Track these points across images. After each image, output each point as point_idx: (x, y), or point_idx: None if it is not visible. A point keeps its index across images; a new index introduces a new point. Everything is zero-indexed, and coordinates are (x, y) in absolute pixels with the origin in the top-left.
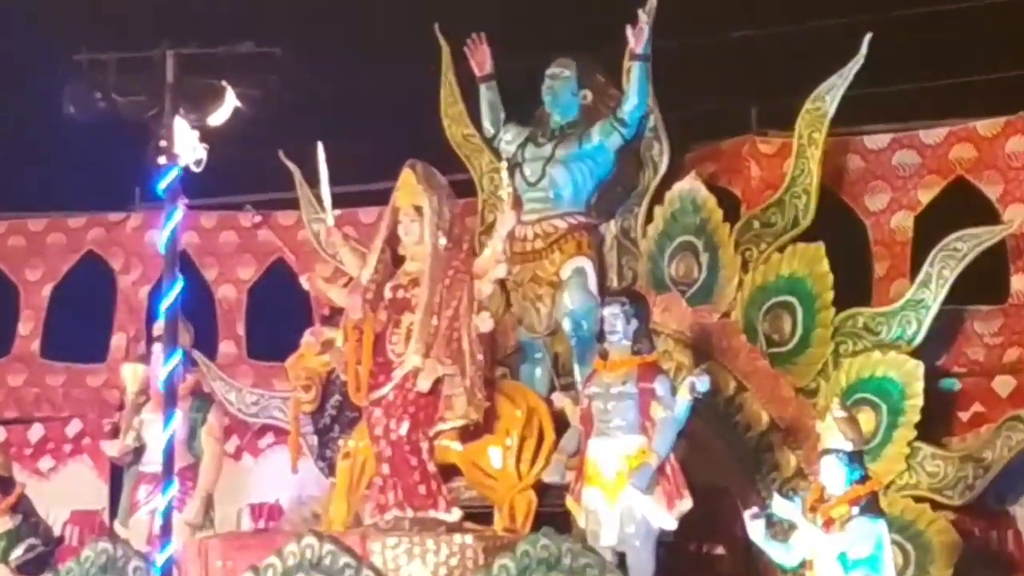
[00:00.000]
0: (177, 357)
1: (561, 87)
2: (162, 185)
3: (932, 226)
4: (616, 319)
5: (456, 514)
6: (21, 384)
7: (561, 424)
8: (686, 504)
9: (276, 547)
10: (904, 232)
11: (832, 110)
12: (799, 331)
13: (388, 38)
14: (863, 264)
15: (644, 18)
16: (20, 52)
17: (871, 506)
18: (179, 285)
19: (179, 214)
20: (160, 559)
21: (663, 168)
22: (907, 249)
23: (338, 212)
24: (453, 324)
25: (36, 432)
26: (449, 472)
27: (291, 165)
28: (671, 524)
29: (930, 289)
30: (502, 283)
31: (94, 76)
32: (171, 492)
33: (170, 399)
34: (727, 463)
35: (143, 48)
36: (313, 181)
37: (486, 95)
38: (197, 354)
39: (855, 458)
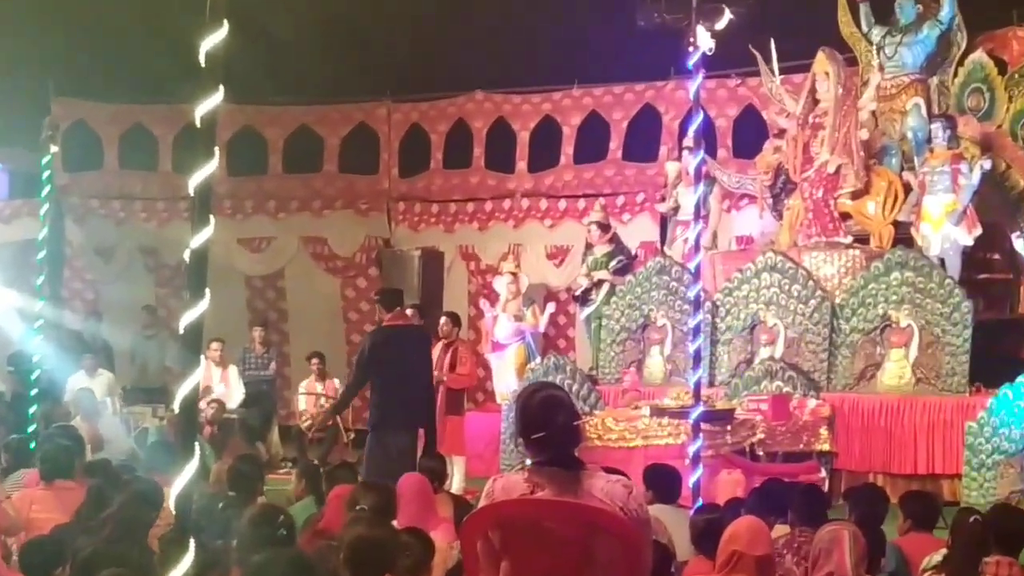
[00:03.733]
0: (700, 156)
1: (908, 5)
2: (690, 63)
3: None
4: (939, 130)
5: (849, 239)
6: (612, 175)
7: (908, 189)
8: (978, 231)
9: (752, 258)
10: None
11: None
12: None
13: None
14: None
15: None
16: None
17: None
18: (699, 119)
19: (699, 79)
20: (692, 265)
21: (963, 46)
22: None
23: (781, 76)
24: (846, 135)
25: (619, 200)
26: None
27: (755, 52)
28: (969, 241)
29: None
30: (873, 112)
31: (653, 5)
32: (697, 229)
33: (697, 178)
34: (1001, 207)
35: None
36: (768, 61)
37: (863, 9)
38: (707, 158)
39: None
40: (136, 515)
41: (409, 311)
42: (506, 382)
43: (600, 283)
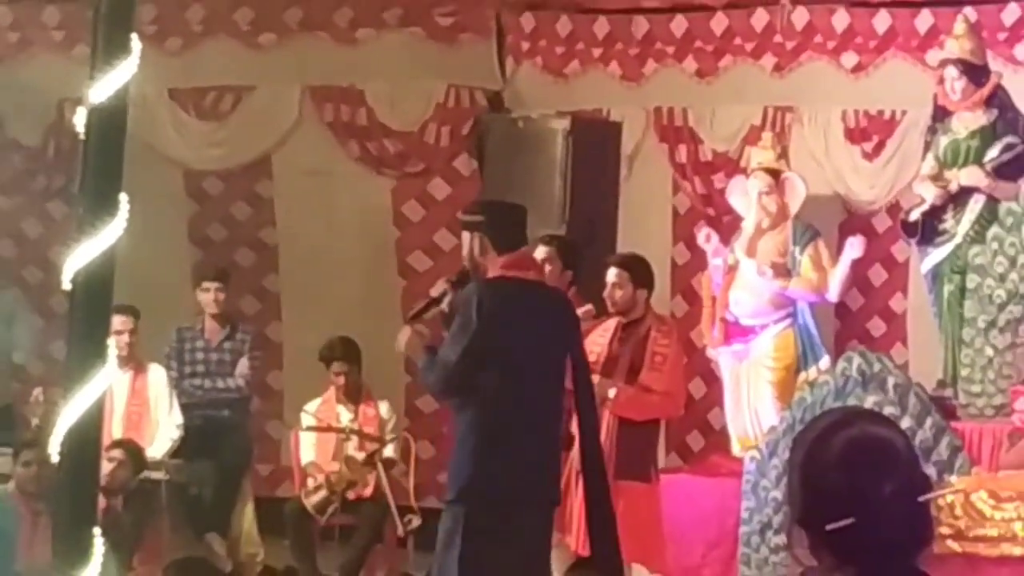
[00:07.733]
0: None
1: None
2: None
3: None
4: None
5: None
6: None
7: None
8: None
9: None
10: None
11: None
12: None
13: None
14: None
15: None
16: None
17: None
18: None
19: None
20: None
21: None
22: None
23: None
24: None
25: (1011, 13)
26: None
27: None
28: None
29: None
30: None
31: None
32: None
33: None
34: None
35: None
36: None
37: None
38: None
39: None
40: None
41: (541, 250)
42: (753, 408)
43: (963, 196)
